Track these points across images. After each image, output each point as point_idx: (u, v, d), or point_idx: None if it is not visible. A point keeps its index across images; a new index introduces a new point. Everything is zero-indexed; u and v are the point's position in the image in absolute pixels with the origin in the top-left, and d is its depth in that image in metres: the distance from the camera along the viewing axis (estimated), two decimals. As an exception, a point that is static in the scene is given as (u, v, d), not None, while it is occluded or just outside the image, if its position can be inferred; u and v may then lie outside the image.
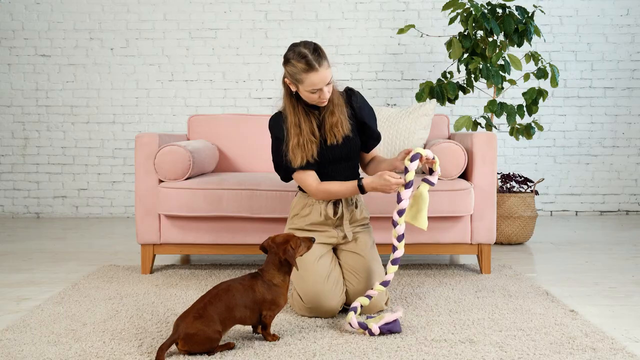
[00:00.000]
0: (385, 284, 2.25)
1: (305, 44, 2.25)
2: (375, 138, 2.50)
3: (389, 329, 2.08)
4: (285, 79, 2.32)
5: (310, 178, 2.37)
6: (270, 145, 2.45)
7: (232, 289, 1.98)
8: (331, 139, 2.37)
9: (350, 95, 2.45)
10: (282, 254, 2.05)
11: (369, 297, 2.25)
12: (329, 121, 2.36)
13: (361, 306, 2.24)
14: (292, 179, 2.45)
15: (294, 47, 2.26)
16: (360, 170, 2.60)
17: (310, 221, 2.43)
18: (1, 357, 1.89)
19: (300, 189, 2.49)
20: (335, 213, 2.42)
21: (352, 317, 2.12)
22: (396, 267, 2.25)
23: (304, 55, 2.21)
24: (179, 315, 1.92)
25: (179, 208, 2.94)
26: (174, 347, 1.91)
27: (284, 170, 2.41)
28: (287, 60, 2.26)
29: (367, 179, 2.30)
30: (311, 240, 2.14)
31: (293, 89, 2.32)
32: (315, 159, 2.35)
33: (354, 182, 2.33)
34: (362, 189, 2.31)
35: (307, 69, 2.20)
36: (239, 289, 1.99)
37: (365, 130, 2.46)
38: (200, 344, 1.86)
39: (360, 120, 2.44)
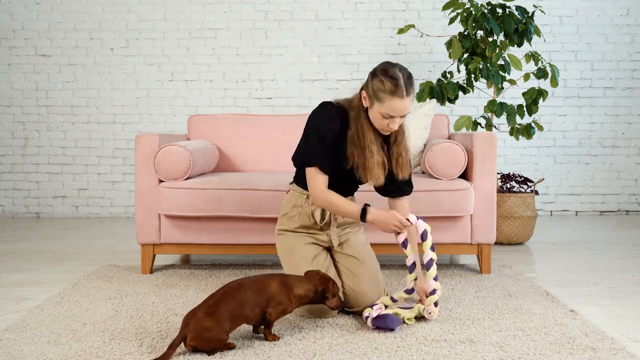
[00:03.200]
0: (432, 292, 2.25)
1: (402, 68, 2.18)
2: (400, 190, 2.42)
3: (384, 325, 2.09)
4: (364, 91, 2.22)
5: (320, 179, 2.29)
6: (306, 134, 2.30)
7: (244, 286, 1.99)
8: (399, 173, 2.30)
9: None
10: (322, 287, 2.10)
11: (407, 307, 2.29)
12: (399, 153, 2.29)
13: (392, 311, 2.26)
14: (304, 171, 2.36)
15: (389, 65, 2.18)
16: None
17: (299, 224, 2.42)
18: (1, 357, 1.89)
19: (297, 183, 2.46)
20: (322, 218, 2.41)
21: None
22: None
23: (397, 78, 2.13)
24: (189, 311, 1.93)
25: (179, 208, 2.94)
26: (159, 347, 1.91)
27: (310, 159, 2.30)
28: (375, 75, 2.17)
29: (375, 212, 2.23)
30: (341, 301, 2.17)
31: (365, 104, 2.22)
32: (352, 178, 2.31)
33: (359, 207, 2.25)
34: (363, 217, 2.25)
35: (394, 92, 2.12)
36: (251, 286, 2.00)
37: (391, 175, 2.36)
38: (208, 342, 1.87)
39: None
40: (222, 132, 3.59)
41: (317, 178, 2.29)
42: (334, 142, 2.26)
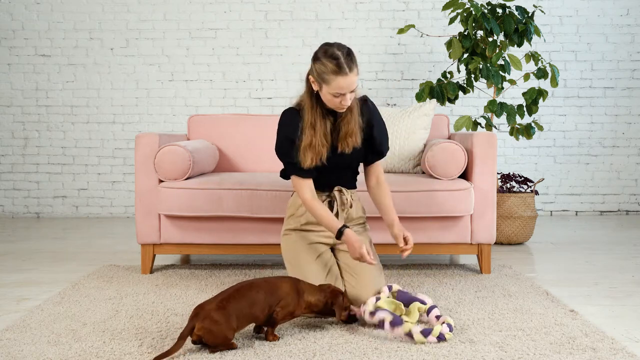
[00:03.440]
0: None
1: (339, 46, 2.21)
2: (377, 153, 2.47)
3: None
4: (310, 77, 2.27)
5: (305, 187, 2.35)
6: (276, 141, 2.39)
7: (256, 286, 2.01)
8: (342, 147, 2.34)
9: (365, 106, 2.41)
10: (332, 300, 2.11)
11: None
12: (344, 129, 2.33)
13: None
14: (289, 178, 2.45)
15: (327, 46, 2.22)
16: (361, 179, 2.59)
17: (305, 220, 2.44)
18: (1, 357, 1.89)
19: None
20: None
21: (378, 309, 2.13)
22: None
23: (337, 57, 2.17)
24: (200, 303, 1.94)
25: (179, 208, 2.94)
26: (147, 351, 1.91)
27: (286, 169, 2.41)
28: (316, 58, 2.22)
29: (350, 234, 2.25)
30: (348, 314, 2.17)
31: (315, 88, 2.27)
32: (323, 163, 2.33)
33: (338, 225, 2.29)
34: (339, 235, 2.28)
35: (336, 71, 2.16)
36: (263, 286, 2.02)
37: (370, 142, 2.43)
38: (214, 335, 1.87)
39: (369, 132, 2.41)
40: (222, 132, 3.59)
41: (301, 185, 2.35)
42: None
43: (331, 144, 2.34)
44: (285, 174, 2.47)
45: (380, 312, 2.06)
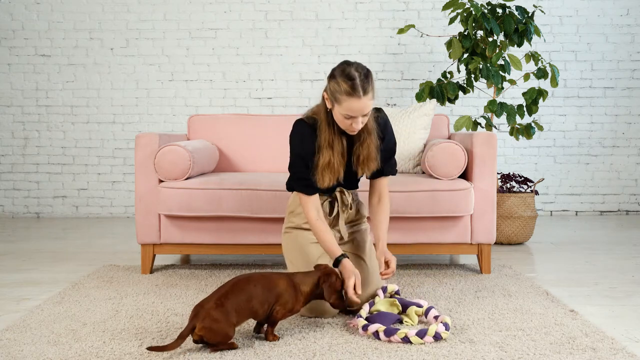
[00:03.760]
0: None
1: (358, 66, 2.15)
2: (379, 171, 2.40)
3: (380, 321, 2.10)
4: (324, 93, 2.22)
5: (311, 205, 2.30)
6: (290, 157, 2.34)
7: (254, 280, 2.01)
8: (363, 171, 2.32)
9: (381, 123, 2.35)
10: (324, 278, 2.09)
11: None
12: (362, 152, 2.28)
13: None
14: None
15: (345, 65, 2.15)
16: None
17: (306, 219, 2.43)
18: (1, 357, 1.89)
19: None
20: (330, 212, 2.42)
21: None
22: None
23: (353, 78, 2.10)
24: (199, 302, 1.94)
25: (179, 208, 2.94)
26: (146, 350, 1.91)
27: (295, 185, 2.34)
28: (332, 76, 2.16)
29: (347, 265, 2.19)
30: (342, 301, 2.14)
31: (328, 105, 2.21)
32: (339, 182, 2.30)
33: (337, 253, 2.23)
34: (336, 263, 2.21)
35: (350, 92, 2.10)
36: (261, 281, 2.02)
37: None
38: (216, 333, 1.87)
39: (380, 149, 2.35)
40: (222, 132, 3.59)
41: (306, 202, 2.31)
42: (314, 155, 2.27)
43: (347, 161, 2.30)
44: (290, 187, 2.40)
45: (372, 325, 2.05)
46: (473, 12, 3.95)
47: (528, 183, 4.04)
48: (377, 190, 2.46)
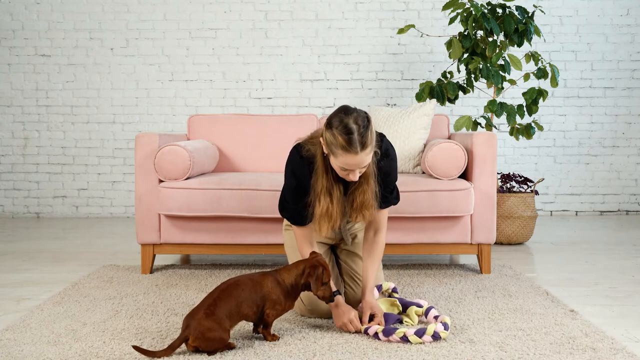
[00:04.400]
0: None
1: (358, 117, 1.95)
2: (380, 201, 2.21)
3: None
4: (321, 139, 2.03)
5: (304, 239, 2.23)
6: (283, 192, 2.24)
7: (241, 283, 1.99)
8: (356, 218, 2.15)
9: (383, 168, 2.16)
10: (309, 270, 2.03)
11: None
12: (356, 198, 2.12)
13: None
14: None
15: (344, 114, 1.96)
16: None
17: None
18: (1, 357, 1.89)
19: None
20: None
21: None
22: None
23: (350, 132, 1.91)
24: (188, 313, 1.93)
25: (179, 208, 2.94)
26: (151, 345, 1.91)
27: (284, 210, 2.27)
28: (329, 125, 1.96)
29: (340, 302, 2.12)
30: (332, 294, 2.06)
31: (325, 151, 2.04)
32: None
33: (332, 289, 2.09)
34: (330, 300, 2.08)
35: (346, 148, 1.92)
36: (248, 283, 2.00)
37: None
38: (210, 342, 1.87)
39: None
40: (222, 132, 3.59)
41: (298, 236, 2.24)
42: (307, 185, 2.15)
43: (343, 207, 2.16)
44: (282, 213, 2.29)
45: (371, 328, 2.06)
46: (473, 12, 3.95)
47: (528, 183, 4.04)
48: (375, 222, 2.26)
